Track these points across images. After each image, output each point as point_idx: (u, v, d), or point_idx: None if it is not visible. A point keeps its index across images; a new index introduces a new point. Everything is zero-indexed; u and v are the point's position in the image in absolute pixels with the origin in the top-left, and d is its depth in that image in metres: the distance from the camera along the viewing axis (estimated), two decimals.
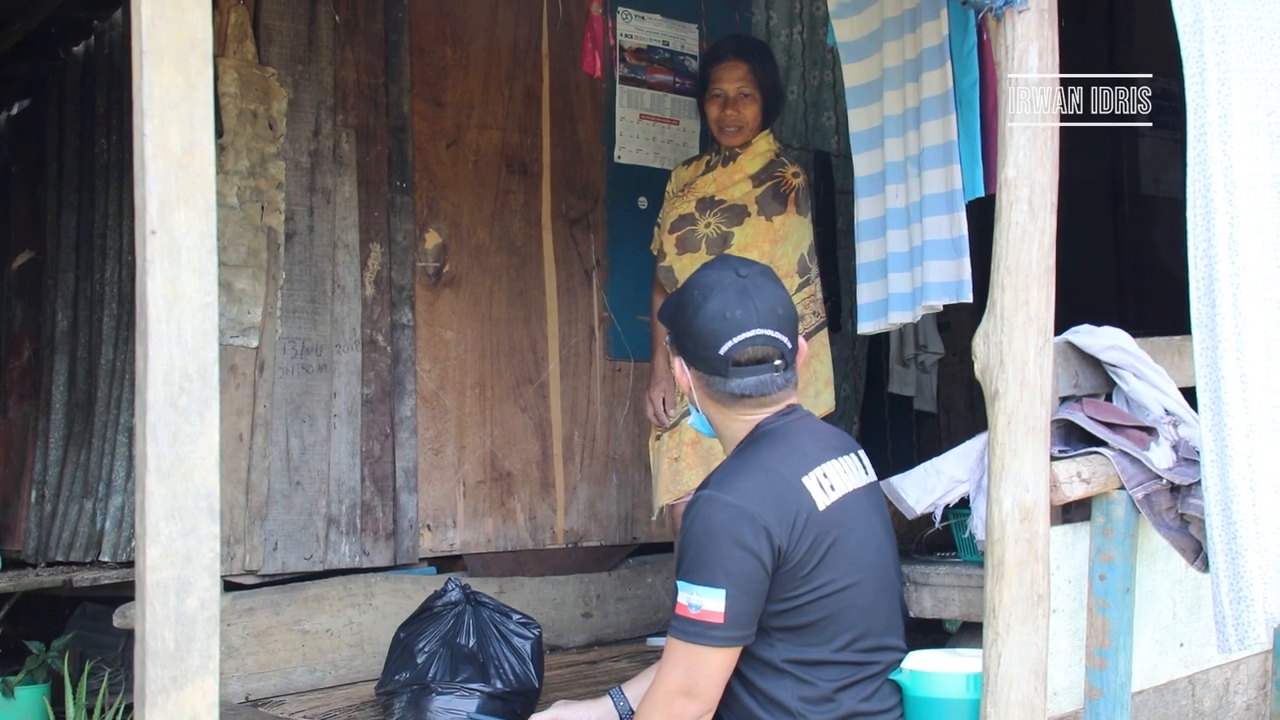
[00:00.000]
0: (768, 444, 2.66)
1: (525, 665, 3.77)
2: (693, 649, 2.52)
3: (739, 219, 4.24)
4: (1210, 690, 3.25)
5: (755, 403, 2.69)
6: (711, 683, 2.54)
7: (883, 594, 2.69)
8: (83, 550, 4.68)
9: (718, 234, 4.23)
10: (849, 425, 6.17)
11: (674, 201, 4.40)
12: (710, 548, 2.50)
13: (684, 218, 4.32)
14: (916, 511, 3.04)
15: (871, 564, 2.66)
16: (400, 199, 4.74)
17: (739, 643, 2.54)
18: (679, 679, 2.54)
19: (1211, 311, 2.71)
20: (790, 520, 2.53)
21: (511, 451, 5.03)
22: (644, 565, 5.34)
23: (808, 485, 2.59)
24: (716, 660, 2.53)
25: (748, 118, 4.26)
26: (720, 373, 2.66)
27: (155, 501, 1.82)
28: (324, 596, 4.40)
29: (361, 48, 4.67)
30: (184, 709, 1.82)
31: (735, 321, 2.64)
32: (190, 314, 1.85)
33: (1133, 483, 2.87)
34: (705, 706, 2.55)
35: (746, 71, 4.25)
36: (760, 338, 2.65)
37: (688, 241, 4.28)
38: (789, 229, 4.25)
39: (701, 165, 4.44)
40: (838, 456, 2.71)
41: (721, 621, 2.49)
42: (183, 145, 1.85)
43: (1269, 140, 2.77)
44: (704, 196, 4.32)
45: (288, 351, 4.41)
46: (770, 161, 4.32)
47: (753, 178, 4.29)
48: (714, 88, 4.29)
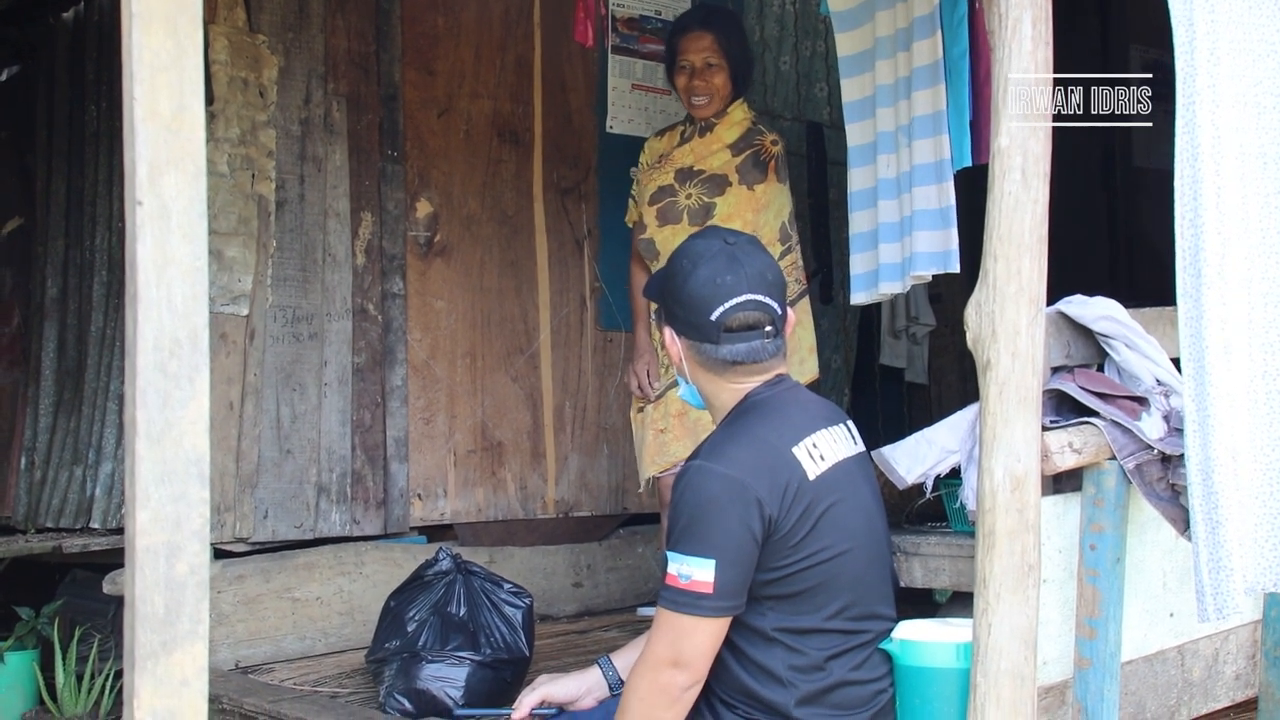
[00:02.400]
0: (757, 414, 2.66)
1: (516, 634, 3.77)
2: (681, 619, 2.51)
3: (720, 189, 4.23)
4: (1199, 660, 3.26)
5: (746, 370, 2.69)
6: (700, 653, 2.53)
7: (873, 563, 2.69)
8: (72, 517, 4.68)
9: (699, 204, 4.22)
10: (840, 397, 6.18)
11: (651, 173, 4.38)
12: (700, 518, 2.50)
13: (664, 189, 4.30)
14: (908, 482, 3.04)
15: (862, 533, 2.66)
16: (391, 168, 4.73)
17: (728, 613, 2.54)
18: (667, 649, 2.52)
19: (1197, 282, 2.71)
20: (781, 490, 2.53)
21: (502, 421, 5.03)
22: (634, 535, 5.35)
23: (798, 455, 2.59)
24: (705, 630, 2.52)
25: (717, 86, 4.25)
26: (712, 339, 2.66)
27: (145, 466, 1.81)
28: (314, 565, 4.41)
29: (353, 15, 4.64)
30: (173, 673, 1.82)
31: (726, 287, 2.64)
32: (180, 279, 1.84)
33: (1124, 453, 2.87)
34: (694, 677, 2.54)
35: (712, 41, 4.24)
36: (751, 303, 2.65)
37: (669, 213, 4.26)
38: (770, 197, 4.25)
39: (676, 136, 4.42)
40: (827, 426, 2.70)
41: (711, 592, 2.48)
42: (172, 109, 1.84)
43: (1255, 111, 2.76)
44: (683, 167, 4.30)
45: (278, 320, 4.40)
46: (748, 130, 4.31)
47: (731, 147, 4.28)
48: (681, 59, 4.28)
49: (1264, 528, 2.72)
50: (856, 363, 6.34)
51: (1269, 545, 2.72)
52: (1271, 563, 2.73)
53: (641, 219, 4.35)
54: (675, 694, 2.52)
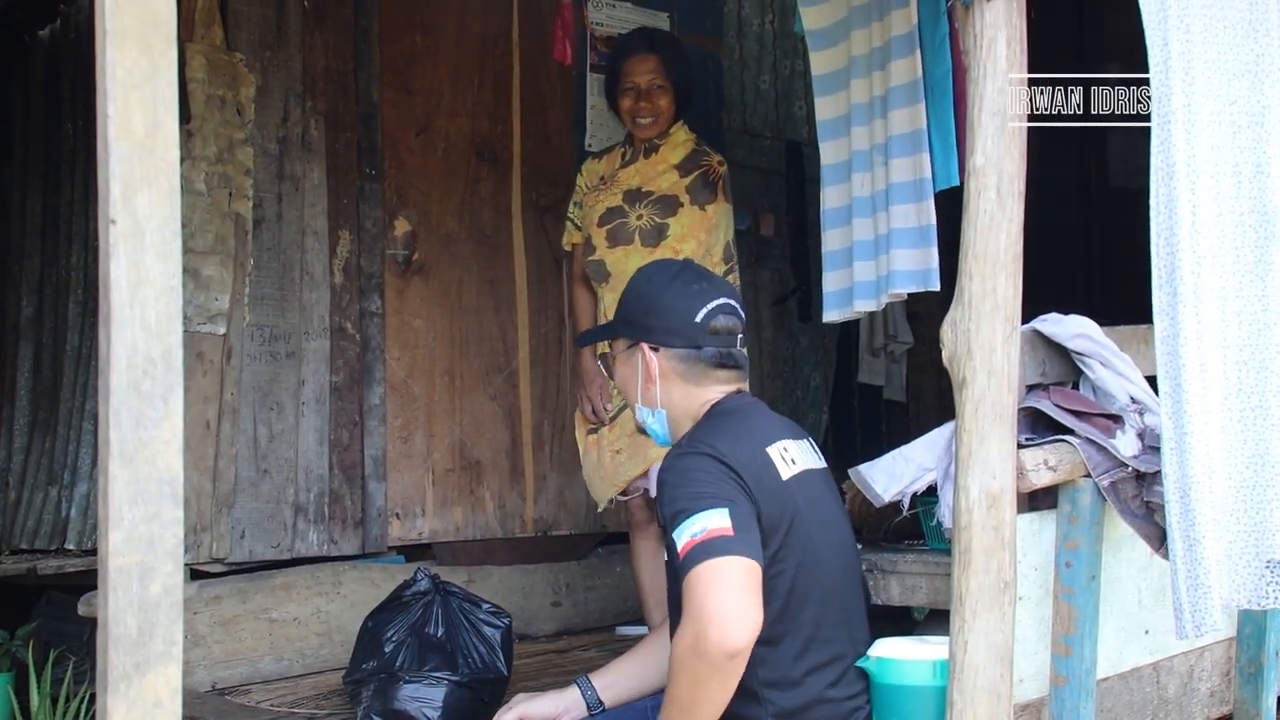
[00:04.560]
0: (727, 417, 2.69)
1: (494, 654, 3.76)
2: (713, 565, 2.36)
3: (672, 209, 4.22)
4: (1175, 677, 3.27)
5: (724, 376, 2.74)
6: (743, 597, 2.34)
7: (846, 575, 2.69)
8: (47, 538, 4.65)
9: (651, 225, 4.21)
10: (819, 414, 6.19)
11: (595, 194, 4.35)
12: (696, 482, 2.47)
13: (612, 210, 4.29)
14: (884, 499, 3.05)
15: (834, 543, 2.67)
16: (369, 186, 4.72)
17: (756, 559, 2.40)
18: (705, 606, 2.34)
19: (1173, 300, 2.72)
20: (758, 478, 2.53)
21: (481, 440, 5.02)
22: (613, 554, 5.34)
23: (771, 454, 2.60)
24: (739, 571, 2.36)
25: (661, 108, 4.26)
26: (697, 343, 2.70)
27: (118, 486, 1.80)
28: (292, 585, 4.39)
29: (330, 34, 4.64)
30: (146, 695, 1.81)
31: (704, 291, 2.75)
32: (154, 298, 1.84)
33: (1099, 470, 2.88)
34: (740, 635, 2.34)
35: (657, 64, 4.25)
36: (728, 306, 2.75)
37: (619, 234, 4.25)
38: (719, 217, 4.26)
39: (617, 158, 4.41)
40: (792, 438, 2.72)
41: (732, 533, 2.38)
42: (146, 127, 1.83)
43: (1231, 130, 2.78)
44: (630, 189, 4.29)
45: (255, 339, 4.39)
46: (693, 151, 4.32)
47: (678, 167, 4.28)
48: (626, 80, 4.29)
49: (1239, 545, 2.73)
50: (835, 381, 6.36)
51: (1243, 563, 2.73)
52: (1246, 580, 2.74)
53: (590, 240, 4.33)
54: (723, 661, 2.34)
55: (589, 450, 4.28)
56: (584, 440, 4.31)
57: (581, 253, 4.38)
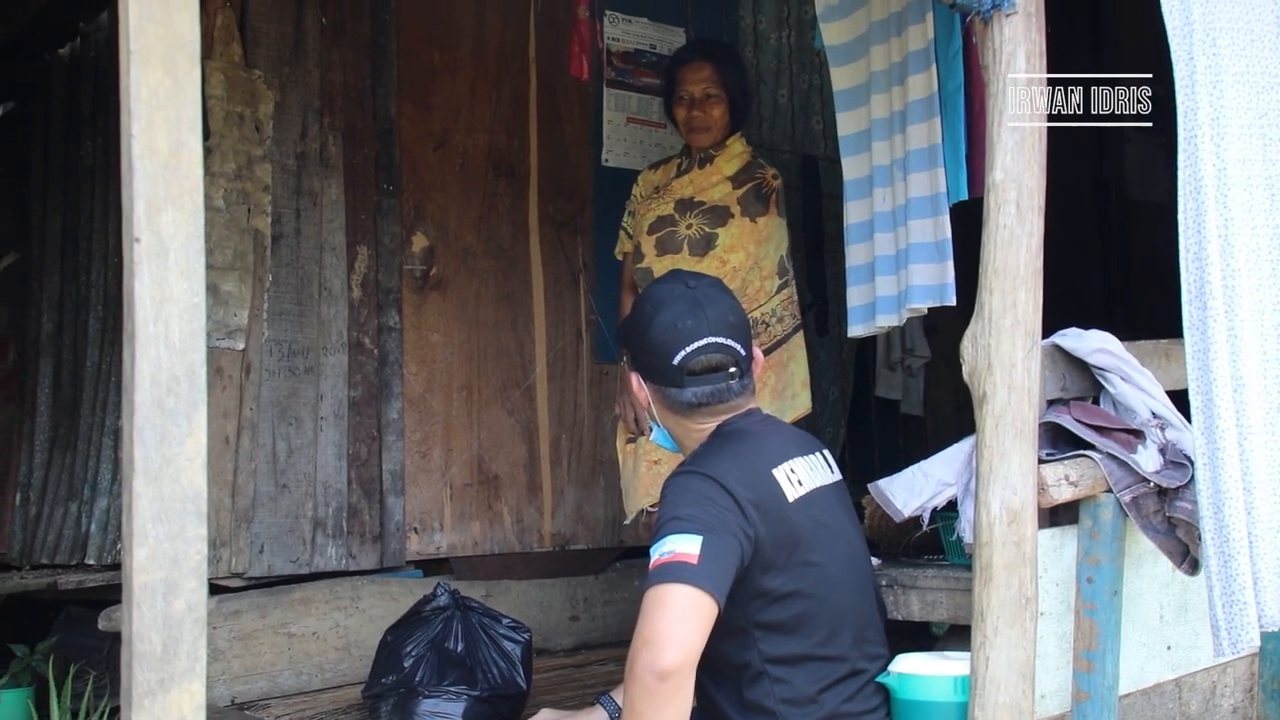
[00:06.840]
0: (735, 439, 2.68)
1: (514, 669, 3.76)
2: (661, 591, 2.38)
3: (722, 220, 4.23)
4: (1197, 693, 3.25)
5: (711, 410, 2.71)
6: (681, 631, 2.32)
7: (858, 590, 2.69)
8: (68, 553, 4.66)
9: (700, 235, 4.22)
10: (836, 429, 6.17)
11: (648, 204, 4.38)
12: (686, 504, 2.48)
13: (663, 219, 4.31)
14: (904, 514, 3.05)
15: (844, 559, 2.66)
16: (387, 202, 4.73)
17: (710, 591, 2.37)
18: (646, 626, 2.38)
19: (1203, 314, 2.71)
20: (761, 503, 2.52)
21: (499, 454, 5.03)
22: (631, 569, 5.33)
23: (777, 476, 2.60)
24: (687, 601, 2.35)
25: (715, 118, 4.26)
26: (675, 383, 2.68)
27: (142, 504, 1.81)
28: (310, 599, 4.39)
29: (348, 50, 4.66)
30: (170, 712, 1.81)
31: (687, 331, 2.67)
32: (178, 316, 1.84)
33: (1120, 486, 2.87)
34: (676, 659, 2.32)
35: (712, 72, 4.25)
36: (713, 345, 2.67)
37: (668, 243, 4.26)
38: (771, 230, 4.26)
39: (673, 168, 4.42)
40: (802, 454, 2.71)
41: (695, 562, 2.37)
42: (170, 146, 1.84)
43: (1261, 143, 2.77)
44: (683, 198, 4.30)
45: (274, 354, 4.40)
46: (748, 163, 4.32)
47: (731, 179, 4.28)
48: (680, 90, 4.29)
49: None
50: (853, 395, 6.34)
51: None
52: None
53: (639, 248, 4.35)
54: (652, 683, 2.32)
55: (626, 459, 4.29)
56: (622, 449, 4.32)
57: (631, 260, 4.40)
